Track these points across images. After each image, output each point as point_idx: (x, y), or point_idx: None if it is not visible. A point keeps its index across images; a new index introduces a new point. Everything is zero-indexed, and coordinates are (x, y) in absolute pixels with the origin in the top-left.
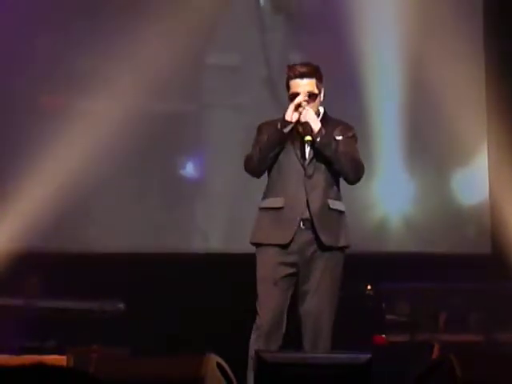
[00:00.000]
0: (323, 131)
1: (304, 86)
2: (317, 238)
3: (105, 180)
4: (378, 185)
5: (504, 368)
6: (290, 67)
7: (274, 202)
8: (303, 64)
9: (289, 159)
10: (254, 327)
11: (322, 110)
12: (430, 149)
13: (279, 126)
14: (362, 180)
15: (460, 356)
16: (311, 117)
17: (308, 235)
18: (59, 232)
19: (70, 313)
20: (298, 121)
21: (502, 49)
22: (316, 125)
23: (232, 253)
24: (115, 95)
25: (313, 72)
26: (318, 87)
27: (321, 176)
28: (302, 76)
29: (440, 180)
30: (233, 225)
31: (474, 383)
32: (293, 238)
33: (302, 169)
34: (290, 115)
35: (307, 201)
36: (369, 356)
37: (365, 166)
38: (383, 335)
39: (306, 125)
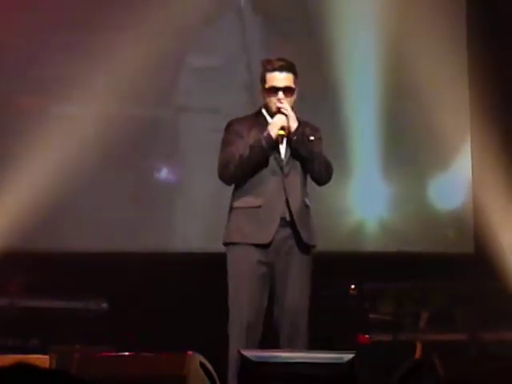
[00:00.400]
0: (300, 130)
1: (282, 79)
2: (294, 236)
3: (89, 180)
4: (355, 187)
5: (486, 367)
6: (268, 61)
7: (252, 200)
8: (281, 59)
9: None
10: (234, 325)
11: None
12: (410, 150)
13: (264, 144)
14: (340, 182)
15: (442, 355)
16: (289, 113)
17: (284, 233)
18: (42, 231)
19: (53, 312)
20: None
21: (485, 50)
22: (294, 122)
23: (214, 252)
24: (92, 98)
25: (291, 67)
26: (294, 83)
27: (297, 175)
28: (280, 69)
29: (421, 181)
30: (215, 224)
31: (456, 383)
32: (273, 237)
33: (278, 167)
34: (275, 133)
35: (287, 199)
36: (352, 355)
37: (342, 167)
38: (367, 335)
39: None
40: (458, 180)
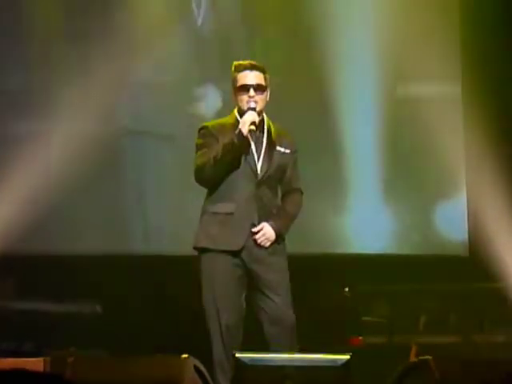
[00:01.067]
0: (279, 232)
1: (253, 77)
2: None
3: (77, 182)
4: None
5: (481, 370)
6: (238, 63)
7: (224, 206)
8: (251, 61)
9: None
10: (213, 328)
11: (265, 116)
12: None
13: (236, 142)
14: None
15: (438, 358)
16: (268, 236)
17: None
18: (36, 234)
19: (47, 315)
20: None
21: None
22: (273, 238)
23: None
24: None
25: (261, 67)
26: (265, 82)
27: (271, 183)
28: (251, 68)
29: (414, 191)
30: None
31: None
32: (244, 244)
33: (252, 174)
34: (247, 129)
35: (258, 207)
36: (347, 358)
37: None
38: (360, 337)
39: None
40: (450, 183)
